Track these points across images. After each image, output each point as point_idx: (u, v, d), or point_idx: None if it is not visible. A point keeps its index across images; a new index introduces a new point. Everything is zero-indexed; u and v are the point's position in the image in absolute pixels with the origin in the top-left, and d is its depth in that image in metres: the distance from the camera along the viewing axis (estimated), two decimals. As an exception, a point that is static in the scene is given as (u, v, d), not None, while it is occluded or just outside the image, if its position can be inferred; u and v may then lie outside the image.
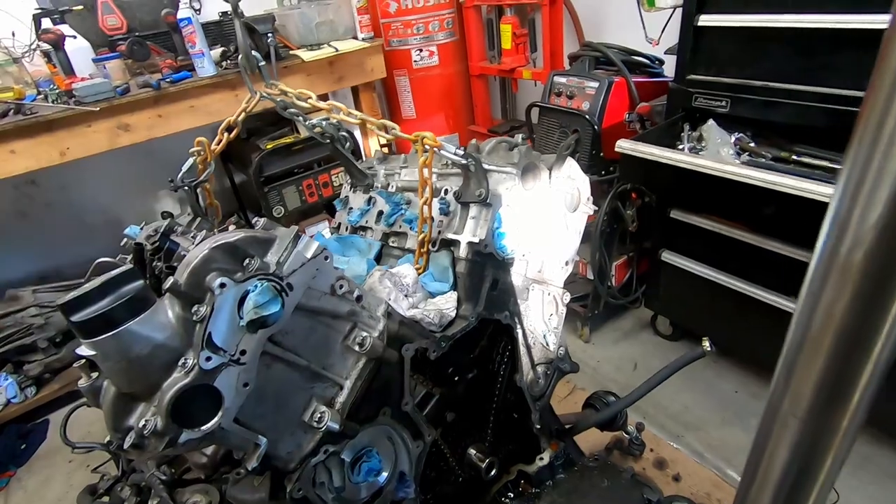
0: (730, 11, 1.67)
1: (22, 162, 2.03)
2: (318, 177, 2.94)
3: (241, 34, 0.91)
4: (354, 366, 0.68)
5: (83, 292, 0.50)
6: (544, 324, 0.97)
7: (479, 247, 0.82)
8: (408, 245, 1.00)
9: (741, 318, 2.03)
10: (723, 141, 1.66)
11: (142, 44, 2.58)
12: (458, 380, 0.83)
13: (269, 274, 0.58)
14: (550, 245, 0.94)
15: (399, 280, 0.82)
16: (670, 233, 2.12)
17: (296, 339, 0.63)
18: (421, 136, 0.82)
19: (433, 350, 0.77)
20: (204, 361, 0.54)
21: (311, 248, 0.61)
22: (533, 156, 0.89)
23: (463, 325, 0.82)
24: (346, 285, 0.65)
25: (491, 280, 0.85)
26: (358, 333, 0.67)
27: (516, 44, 2.65)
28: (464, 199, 0.84)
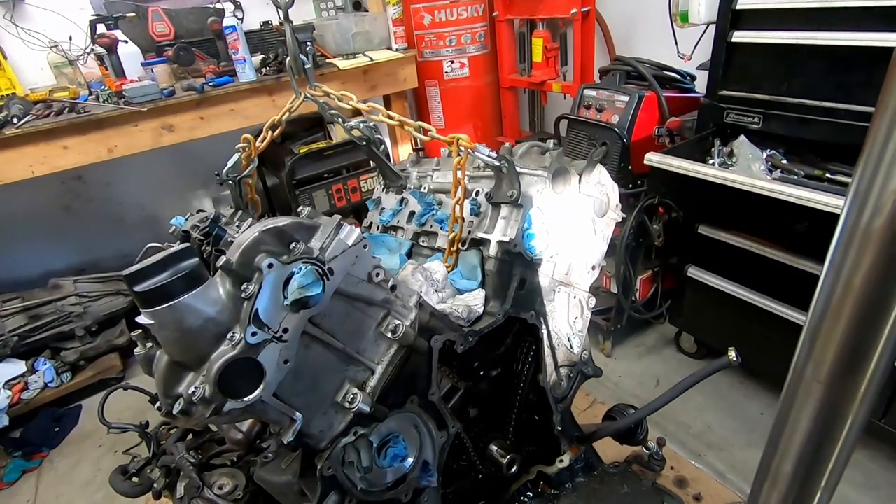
0: (764, 28, 1.67)
1: (73, 157, 2.14)
2: (347, 182, 3.01)
3: (290, 38, 0.96)
4: (386, 352, 0.71)
5: (146, 265, 0.54)
6: (569, 326, 0.98)
7: (509, 246, 0.84)
8: (438, 244, 1.03)
9: (770, 338, 1.99)
10: (754, 157, 1.65)
11: (187, 49, 2.71)
12: (482, 375, 0.85)
13: (313, 258, 0.62)
14: (578, 249, 0.96)
15: (430, 275, 0.85)
16: (698, 249, 2.10)
17: (333, 322, 0.66)
18: (456, 138, 0.85)
19: (461, 343, 0.79)
20: (250, 336, 0.58)
21: (351, 237, 0.64)
22: (564, 160, 0.91)
23: (490, 321, 0.84)
24: (382, 274, 0.68)
25: (519, 279, 0.87)
26: (391, 321, 0.70)
27: (547, 57, 2.68)
28: (495, 199, 0.87)
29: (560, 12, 2.48)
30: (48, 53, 2.59)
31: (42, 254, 2.95)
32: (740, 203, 1.68)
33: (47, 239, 2.95)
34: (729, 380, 2.33)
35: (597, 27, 2.60)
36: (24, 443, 2.37)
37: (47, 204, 2.88)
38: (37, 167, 2.09)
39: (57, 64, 2.59)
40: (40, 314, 2.57)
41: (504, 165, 0.83)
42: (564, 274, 0.95)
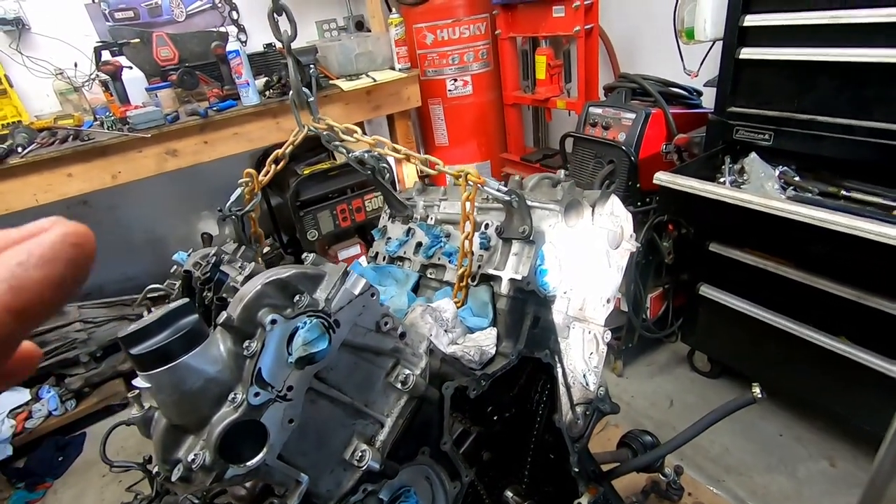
0: (773, 45, 1.65)
1: (77, 185, 2.14)
2: (351, 202, 2.99)
3: (293, 71, 0.94)
4: (396, 403, 0.68)
5: (143, 326, 0.51)
6: (584, 362, 0.94)
7: (522, 284, 0.81)
8: (446, 277, 1.00)
9: (786, 357, 1.94)
10: (766, 175, 1.62)
11: (191, 74, 2.72)
12: (496, 418, 0.81)
13: (318, 310, 0.59)
14: (592, 282, 0.93)
15: (440, 314, 0.82)
16: (710, 267, 2.06)
17: (339, 376, 0.63)
18: (465, 172, 0.82)
19: (473, 388, 0.76)
20: (252, 397, 0.55)
21: (358, 285, 0.61)
22: (576, 192, 0.88)
23: (503, 363, 0.80)
24: (390, 322, 0.65)
25: (532, 318, 0.84)
26: (401, 371, 0.67)
27: (550, 74, 2.67)
28: (506, 234, 0.84)
29: (563, 30, 2.47)
30: (53, 80, 2.60)
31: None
32: (753, 221, 1.65)
33: (52, 264, 2.94)
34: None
35: (600, 44, 2.59)
36: (27, 473, 2.34)
37: (52, 229, 2.87)
38: (41, 196, 2.08)
39: (62, 91, 2.60)
40: (45, 341, 2.55)
41: (514, 200, 0.80)
42: (579, 309, 0.92)
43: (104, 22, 2.77)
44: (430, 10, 2.94)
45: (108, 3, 2.74)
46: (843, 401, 1.83)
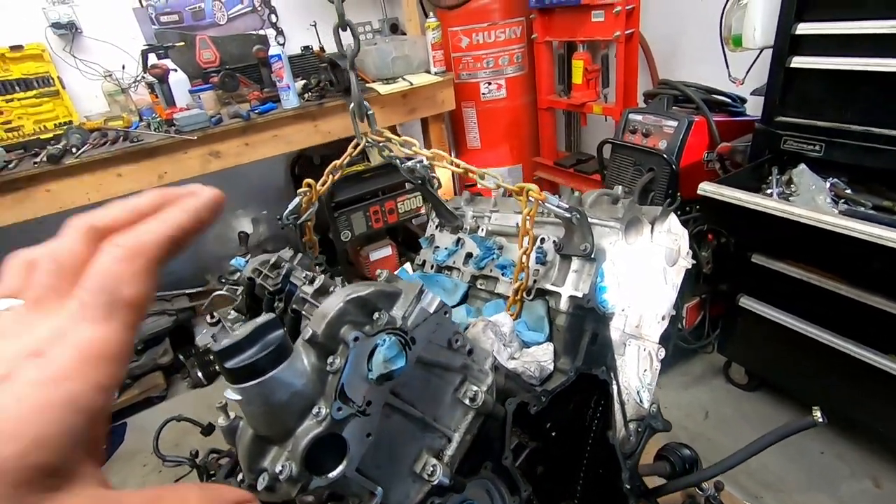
0: (826, 54, 1.61)
1: (126, 184, 2.21)
2: (384, 203, 3.02)
3: (355, 86, 0.96)
4: (463, 419, 0.69)
5: (236, 340, 0.53)
6: (639, 379, 0.94)
7: (582, 301, 0.81)
8: (498, 290, 1.01)
9: (829, 373, 1.90)
10: (818, 187, 1.58)
11: (232, 76, 2.79)
12: (552, 434, 0.82)
13: (397, 328, 0.60)
14: (649, 299, 0.92)
15: (498, 329, 0.83)
16: (751, 278, 2.02)
17: (412, 391, 0.64)
18: (526, 189, 0.83)
19: (534, 405, 0.77)
20: (335, 412, 0.57)
21: (434, 304, 0.63)
22: (636, 209, 0.88)
23: (562, 379, 0.81)
24: (461, 339, 0.67)
25: (590, 334, 0.84)
26: (468, 387, 0.68)
27: (587, 79, 2.65)
28: (566, 251, 0.84)
29: (602, 34, 2.44)
30: (102, 82, 2.69)
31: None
32: (800, 234, 1.61)
33: (96, 259, 3.05)
34: (784, 414, 2.22)
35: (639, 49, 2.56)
36: (73, 460, 2.43)
37: (97, 225, 2.98)
38: (93, 194, 2.17)
39: (111, 92, 2.69)
40: (90, 334, 2.65)
41: (576, 217, 0.80)
42: (635, 326, 0.92)
43: (150, 25, 2.86)
44: (466, 14, 2.95)
45: (155, 7, 2.83)
46: (890, 420, 1.77)
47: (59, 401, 0.24)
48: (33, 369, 0.25)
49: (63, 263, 0.28)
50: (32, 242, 0.31)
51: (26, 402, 0.24)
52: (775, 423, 2.24)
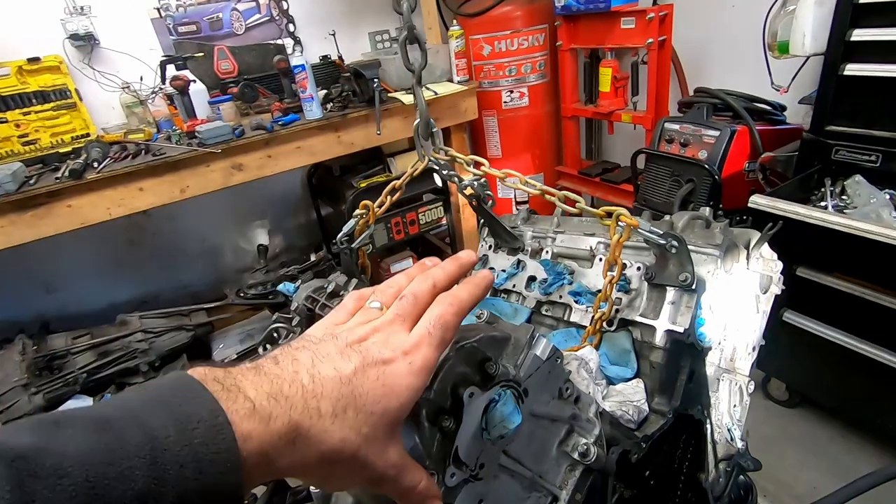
0: (882, 61, 1.54)
1: (148, 199, 2.16)
2: (405, 215, 2.96)
3: (422, 103, 0.90)
4: (570, 474, 0.62)
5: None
6: (730, 417, 0.87)
7: (682, 337, 0.74)
8: (571, 318, 0.94)
9: (880, 391, 1.82)
10: (879, 201, 1.51)
11: (252, 87, 2.74)
12: (650, 481, 0.75)
13: (510, 380, 0.53)
14: (742, 330, 0.86)
15: (588, 366, 0.76)
16: (796, 292, 1.94)
17: (519, 447, 0.57)
18: (616, 213, 0.76)
19: (635, 452, 0.69)
20: (449, 478, 0.50)
21: (546, 350, 0.56)
22: (730, 233, 0.82)
23: (661, 422, 0.74)
24: (571, 388, 0.60)
25: (688, 371, 0.77)
26: (576, 440, 0.61)
27: (616, 87, 2.60)
28: (659, 280, 0.78)
29: (633, 41, 2.39)
30: (120, 94, 2.64)
31: (107, 287, 2.99)
32: (855, 247, 1.54)
33: (113, 273, 3.00)
34: (829, 433, 2.14)
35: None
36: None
37: (114, 239, 2.92)
38: (114, 209, 2.11)
39: (129, 104, 2.64)
40: (108, 350, 2.59)
41: (673, 245, 0.74)
42: (729, 360, 0.85)
43: (168, 36, 2.81)
44: (488, 22, 2.90)
45: (173, 18, 2.78)
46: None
47: (413, 387, 0.42)
48: (404, 362, 0.42)
49: (419, 302, 0.46)
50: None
51: (403, 380, 0.41)
52: (820, 442, 2.18)
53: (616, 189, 2.74)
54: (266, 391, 0.36)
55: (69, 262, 2.82)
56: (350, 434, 0.38)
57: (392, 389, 0.41)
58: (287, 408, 0.36)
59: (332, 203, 3.31)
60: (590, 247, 0.96)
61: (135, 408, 0.32)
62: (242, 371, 0.37)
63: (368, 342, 0.42)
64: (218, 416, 0.33)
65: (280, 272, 3.00)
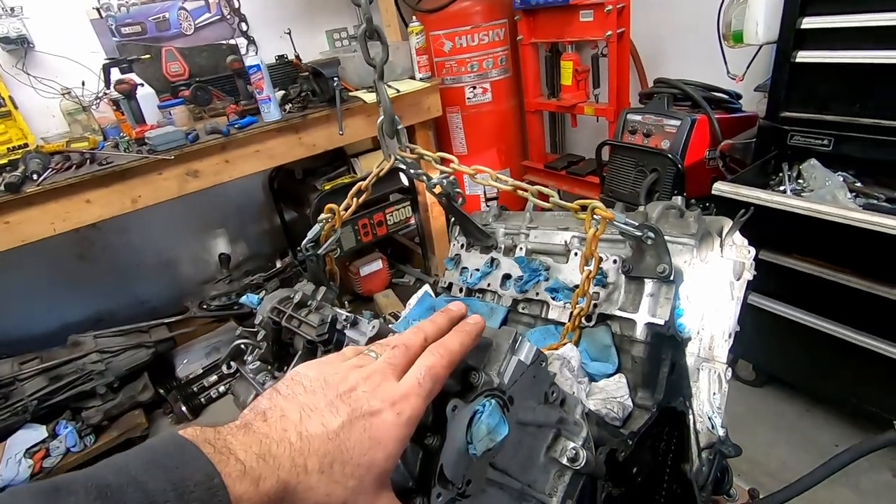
0: (831, 48, 1.59)
1: (96, 211, 2.02)
2: (373, 216, 2.90)
3: (385, 99, 0.86)
4: (559, 480, 0.59)
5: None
6: (710, 405, 0.87)
7: (663, 329, 0.73)
8: (551, 316, 0.92)
9: (841, 366, 1.89)
10: (834, 183, 1.56)
11: (204, 89, 2.62)
12: (637, 478, 0.73)
13: (495, 389, 0.50)
14: (719, 318, 0.85)
15: (570, 364, 0.74)
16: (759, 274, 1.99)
17: (505, 458, 0.54)
18: (591, 206, 0.74)
19: (622, 451, 0.68)
20: (435, 499, 0.46)
21: (530, 354, 0.53)
22: (704, 222, 0.81)
23: (646, 417, 0.73)
24: (557, 391, 0.57)
25: (669, 363, 0.76)
26: (564, 444, 0.59)
27: (577, 80, 2.61)
28: (636, 273, 0.76)
29: (593, 34, 2.40)
30: (61, 100, 2.48)
31: (58, 306, 2.81)
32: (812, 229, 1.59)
33: (63, 291, 2.81)
34: (796, 409, 2.21)
35: (628, 48, 2.52)
36: (49, 516, 2.20)
37: (62, 255, 2.75)
38: (58, 224, 1.97)
39: (70, 111, 2.48)
40: (61, 374, 2.43)
41: (649, 236, 0.72)
42: (707, 349, 0.84)
43: (111, 38, 2.65)
44: (448, 17, 2.86)
45: (115, 18, 2.63)
46: (905, 410, 1.77)
47: (400, 438, 0.42)
48: (392, 413, 0.42)
49: (409, 352, 0.47)
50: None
51: (390, 432, 0.42)
52: (787, 419, 2.25)
53: (582, 182, 2.76)
54: (255, 452, 0.37)
55: (12, 282, 2.63)
56: (336, 488, 0.39)
57: (379, 441, 0.41)
58: (275, 468, 0.37)
59: (296, 207, 3.21)
60: (564, 241, 0.94)
61: (133, 472, 0.33)
62: (232, 431, 0.38)
63: (358, 391, 0.43)
64: (213, 478, 0.34)
65: (244, 281, 2.89)
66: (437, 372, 0.45)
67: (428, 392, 0.45)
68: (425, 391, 0.44)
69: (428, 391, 0.45)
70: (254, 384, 0.79)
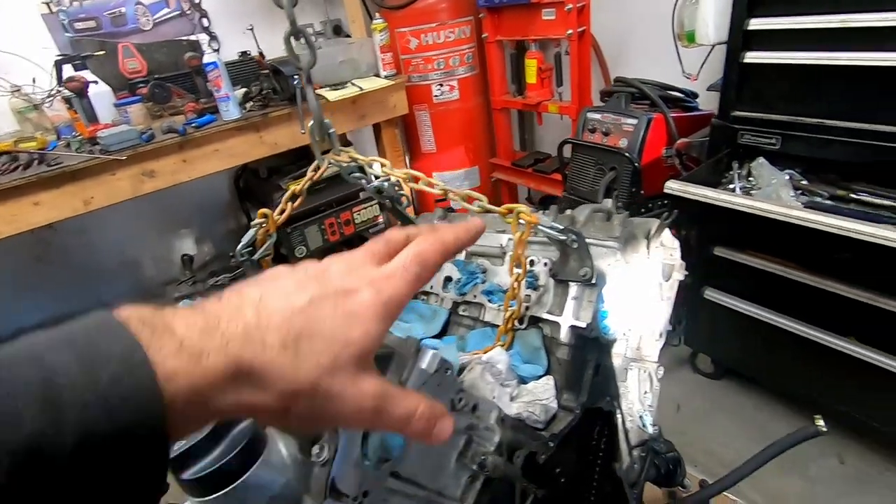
0: (779, 49, 1.63)
1: (46, 213, 1.97)
2: (339, 215, 2.88)
3: (314, 103, 0.85)
4: (471, 486, 0.60)
5: (190, 444, 0.42)
6: (640, 403, 0.89)
7: (585, 332, 0.74)
8: (485, 318, 0.93)
9: (791, 357, 1.95)
10: (779, 181, 1.60)
11: (162, 86, 2.56)
12: (561, 479, 0.74)
13: (393, 399, 0.50)
14: (647, 318, 0.87)
15: (495, 368, 0.74)
16: (714, 270, 2.04)
17: (411, 466, 0.54)
18: (516, 210, 0.75)
19: (543, 452, 0.69)
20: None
21: (433, 363, 0.53)
22: (630, 224, 0.82)
23: (569, 419, 0.73)
24: (465, 398, 0.57)
25: (594, 365, 0.77)
26: (475, 450, 0.59)
27: (541, 78, 2.62)
28: (562, 276, 0.77)
29: (554, 33, 2.41)
30: (10, 98, 2.39)
31: (12, 311, 2.72)
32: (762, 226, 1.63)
33: (19, 295, 2.73)
34: (752, 401, 2.27)
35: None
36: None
37: (16, 257, 2.66)
38: (4, 227, 1.90)
39: (20, 109, 2.40)
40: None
41: (572, 240, 0.73)
42: (636, 349, 0.86)
43: (63, 33, 2.57)
44: (413, 14, 2.85)
45: (67, 13, 2.55)
46: (850, 399, 1.84)
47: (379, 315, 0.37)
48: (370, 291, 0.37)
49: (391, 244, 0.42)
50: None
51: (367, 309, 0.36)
52: (745, 411, 2.31)
53: (548, 179, 2.78)
54: (199, 327, 0.32)
55: (-38, 287, 2.55)
56: (304, 364, 0.34)
57: (355, 317, 0.36)
58: (223, 343, 0.32)
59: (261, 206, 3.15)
60: (500, 244, 0.94)
61: (36, 347, 0.29)
62: (178, 311, 0.34)
63: (331, 271, 0.38)
64: (135, 353, 0.29)
65: (209, 282, 2.85)
66: (426, 257, 0.40)
67: (414, 277, 0.39)
68: (411, 275, 0.39)
69: (414, 275, 0.39)
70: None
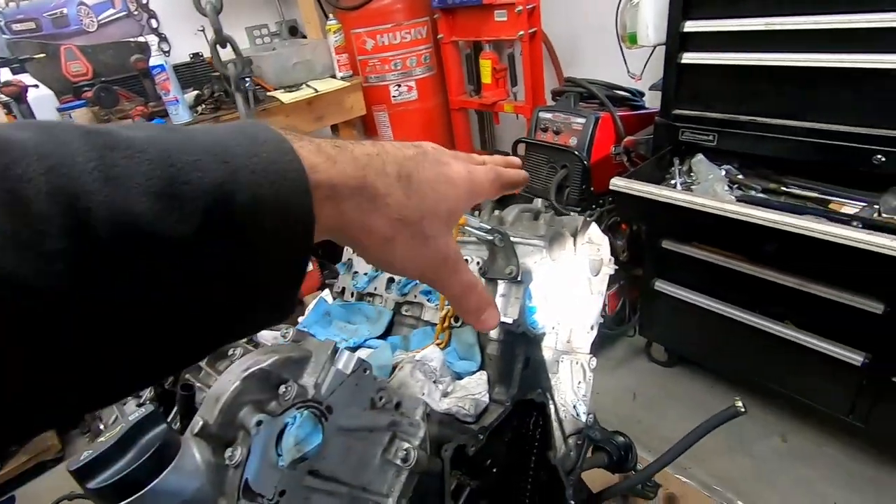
0: (714, 50, 1.71)
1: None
2: (299, 217, 2.86)
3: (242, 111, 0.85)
4: (396, 480, 0.62)
5: (98, 453, 0.42)
6: (574, 393, 0.93)
7: (513, 327, 0.77)
8: (425, 317, 0.95)
9: (736, 343, 2.04)
10: (715, 176, 1.68)
11: (109, 90, 2.48)
12: (494, 470, 0.77)
13: (308, 400, 0.52)
14: (577, 312, 0.91)
15: (428, 366, 0.77)
16: (663, 262, 2.13)
17: (333, 464, 0.56)
18: (443, 213, 0.77)
19: (472, 445, 0.71)
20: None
21: (350, 363, 0.55)
22: (557, 223, 0.86)
23: (499, 411, 0.76)
24: (385, 396, 0.59)
25: (523, 359, 0.80)
26: (399, 445, 0.61)
27: (496, 78, 2.66)
28: (490, 275, 0.80)
29: (506, 34, 2.46)
30: (-57, 104, 2.28)
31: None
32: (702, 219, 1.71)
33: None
34: (703, 387, 2.37)
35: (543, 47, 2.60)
36: (-52, 552, 2.06)
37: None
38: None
39: (-46, 115, 2.29)
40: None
41: (498, 240, 0.76)
42: (566, 342, 0.90)
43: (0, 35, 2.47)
44: (367, 15, 2.84)
45: (4, 15, 2.44)
46: (789, 380, 1.95)
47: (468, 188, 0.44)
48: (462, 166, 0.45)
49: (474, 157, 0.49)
50: None
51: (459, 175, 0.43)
52: (696, 397, 2.40)
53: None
54: (331, 144, 0.35)
55: None
56: (413, 199, 0.38)
57: (450, 182, 0.41)
58: (352, 157, 0.35)
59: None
60: (437, 245, 0.97)
61: (198, 127, 0.32)
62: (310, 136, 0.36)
63: (434, 147, 0.45)
64: (283, 142, 0.31)
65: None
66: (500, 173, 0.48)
67: (495, 176, 0.47)
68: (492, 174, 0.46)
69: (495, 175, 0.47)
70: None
